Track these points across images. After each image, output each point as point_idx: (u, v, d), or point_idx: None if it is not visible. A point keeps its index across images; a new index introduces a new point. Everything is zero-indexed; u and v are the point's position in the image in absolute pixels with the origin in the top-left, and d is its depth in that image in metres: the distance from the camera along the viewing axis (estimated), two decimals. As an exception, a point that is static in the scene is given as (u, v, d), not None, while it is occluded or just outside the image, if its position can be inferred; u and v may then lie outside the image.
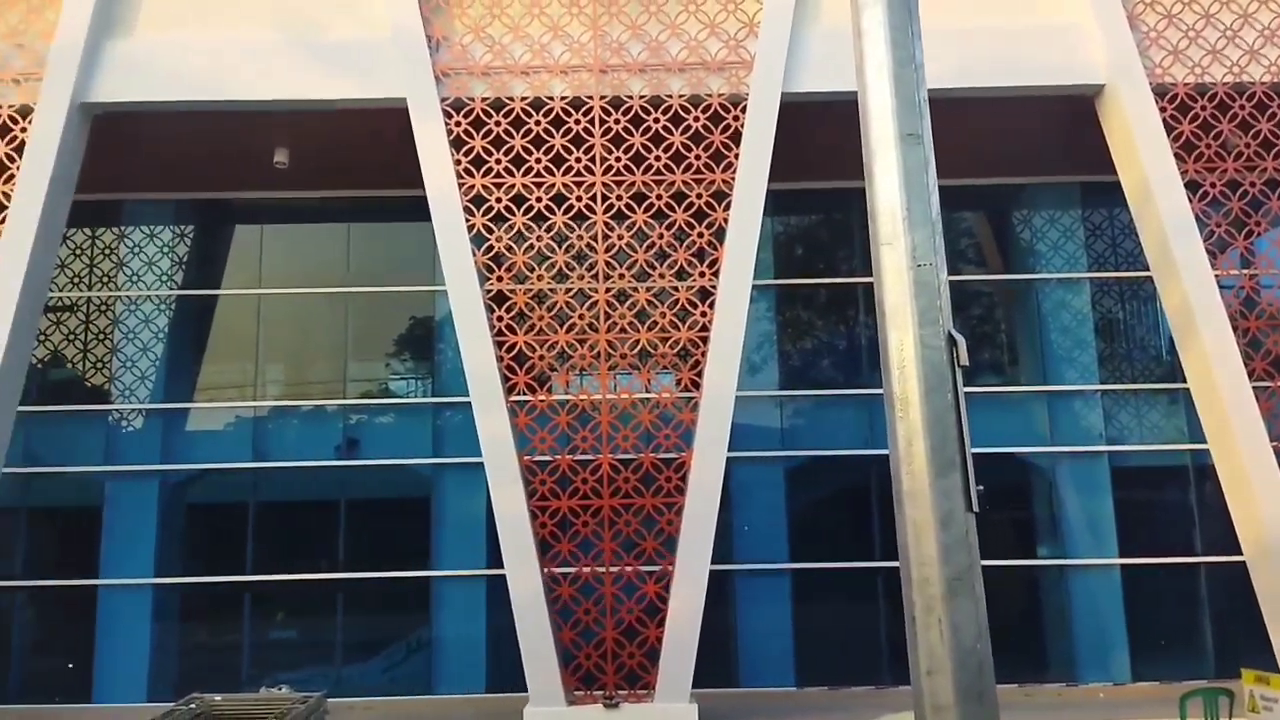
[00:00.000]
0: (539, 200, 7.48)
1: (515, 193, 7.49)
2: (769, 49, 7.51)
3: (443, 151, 7.43)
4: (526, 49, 7.61)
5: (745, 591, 9.17)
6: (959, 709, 2.45)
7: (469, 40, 7.65)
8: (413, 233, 9.20)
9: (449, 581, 9.18)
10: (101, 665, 8.95)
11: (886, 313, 2.71)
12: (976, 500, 2.57)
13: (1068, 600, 9.27)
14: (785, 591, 9.20)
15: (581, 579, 7.18)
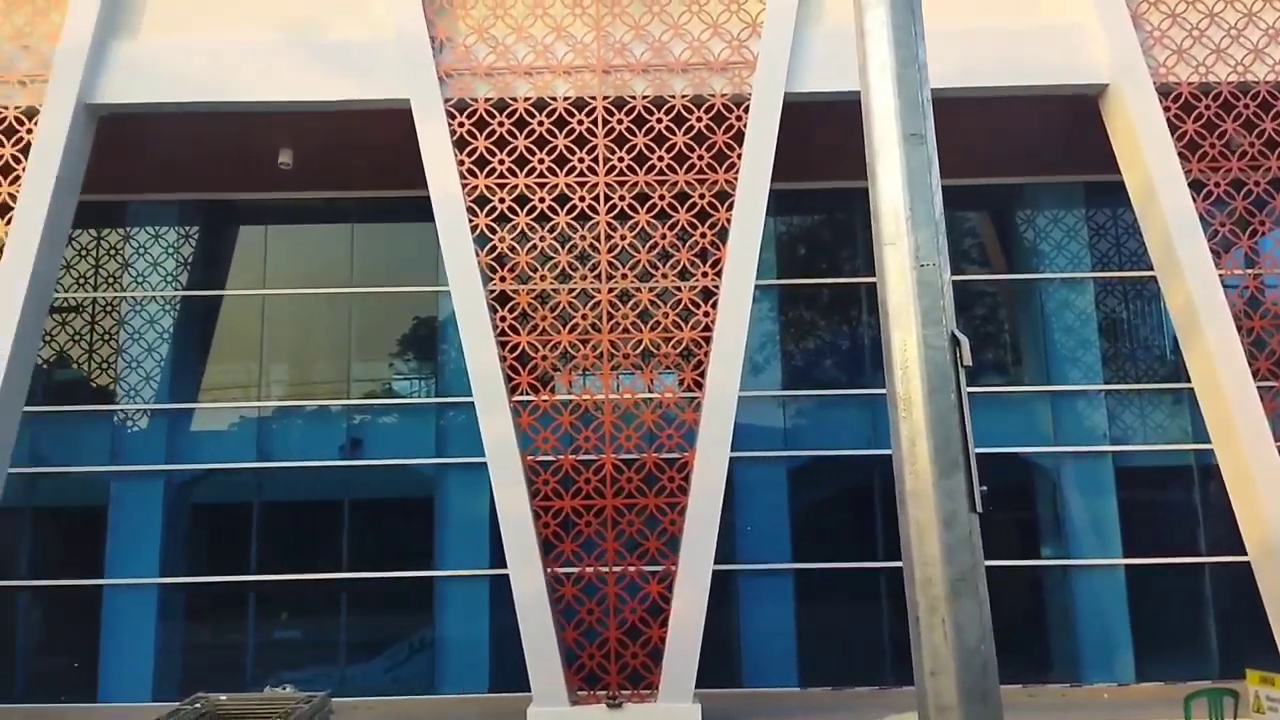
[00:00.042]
0: (542, 201, 7.49)
1: (518, 193, 7.50)
2: (772, 49, 7.51)
3: (446, 152, 7.44)
4: (530, 49, 7.62)
5: (748, 591, 9.16)
6: (963, 709, 2.44)
7: (472, 41, 7.66)
8: (416, 233, 9.21)
9: (452, 581, 9.19)
10: (107, 665, 8.98)
11: (890, 313, 2.71)
12: (980, 501, 2.57)
13: (1072, 600, 9.25)
14: (788, 592, 9.19)
15: (584, 579, 7.19)
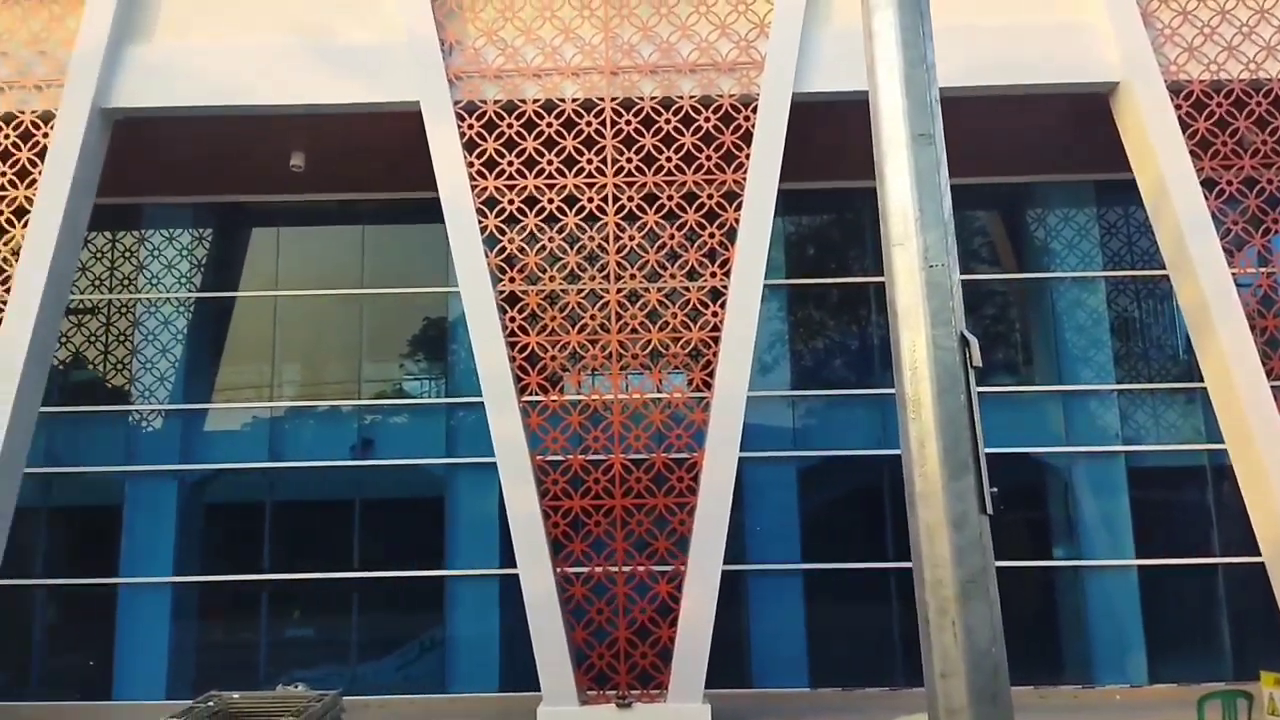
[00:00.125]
0: (551, 202, 7.51)
1: (527, 194, 7.53)
2: (780, 49, 7.50)
3: (455, 154, 7.48)
4: (538, 52, 7.65)
5: (758, 592, 9.15)
6: (973, 711, 2.44)
7: (481, 44, 7.69)
8: (426, 235, 9.25)
9: (462, 581, 9.23)
10: (121, 662, 9.06)
11: (899, 314, 2.71)
12: (990, 502, 2.56)
13: (1084, 601, 9.19)
14: (798, 592, 9.17)
15: (594, 579, 7.21)
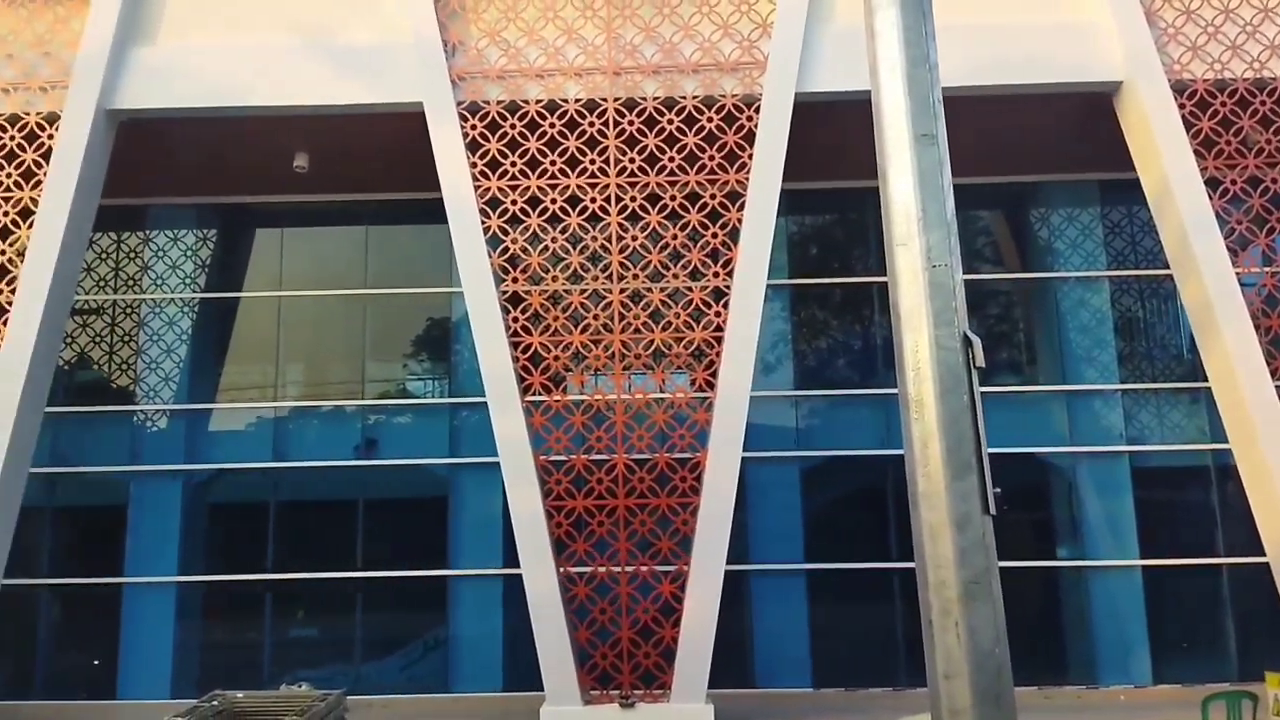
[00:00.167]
0: (554, 202, 7.52)
1: (530, 195, 7.54)
2: (782, 49, 7.50)
3: (459, 155, 7.49)
4: (541, 52, 7.65)
5: (761, 592, 9.15)
6: (977, 712, 2.43)
7: (484, 44, 7.70)
8: (430, 235, 9.27)
9: (466, 580, 9.24)
10: (126, 662, 9.09)
11: (901, 314, 2.70)
12: (994, 502, 2.55)
13: (1088, 602, 9.17)
14: (801, 592, 9.17)
15: (597, 578, 7.21)
